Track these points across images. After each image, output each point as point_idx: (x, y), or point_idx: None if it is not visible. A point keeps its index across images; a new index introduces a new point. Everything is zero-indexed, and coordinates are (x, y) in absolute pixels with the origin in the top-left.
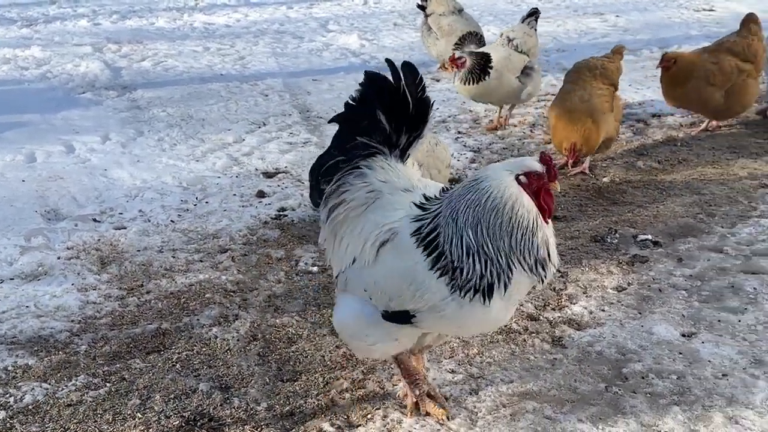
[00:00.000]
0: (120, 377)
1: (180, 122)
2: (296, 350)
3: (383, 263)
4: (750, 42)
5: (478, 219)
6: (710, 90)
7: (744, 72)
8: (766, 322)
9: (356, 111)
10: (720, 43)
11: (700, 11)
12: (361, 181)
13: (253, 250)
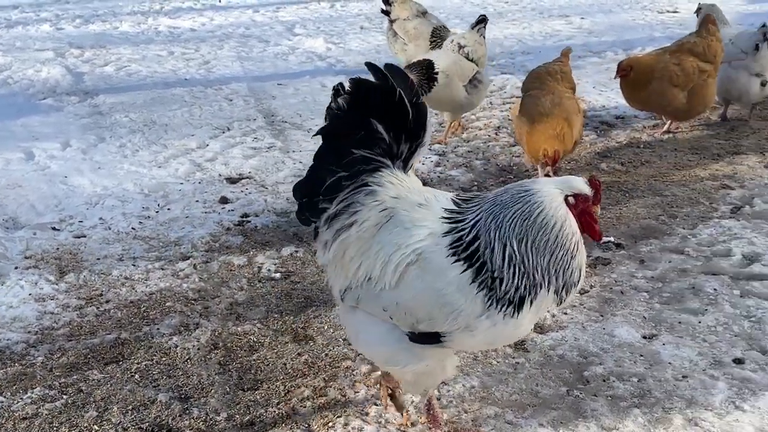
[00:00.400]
0: (77, 389)
1: (142, 128)
2: (257, 358)
3: (409, 286)
4: (709, 42)
5: (525, 232)
6: (674, 91)
7: (705, 72)
8: (726, 322)
9: (348, 122)
10: (680, 44)
11: (663, 13)
12: (371, 199)
13: (215, 258)
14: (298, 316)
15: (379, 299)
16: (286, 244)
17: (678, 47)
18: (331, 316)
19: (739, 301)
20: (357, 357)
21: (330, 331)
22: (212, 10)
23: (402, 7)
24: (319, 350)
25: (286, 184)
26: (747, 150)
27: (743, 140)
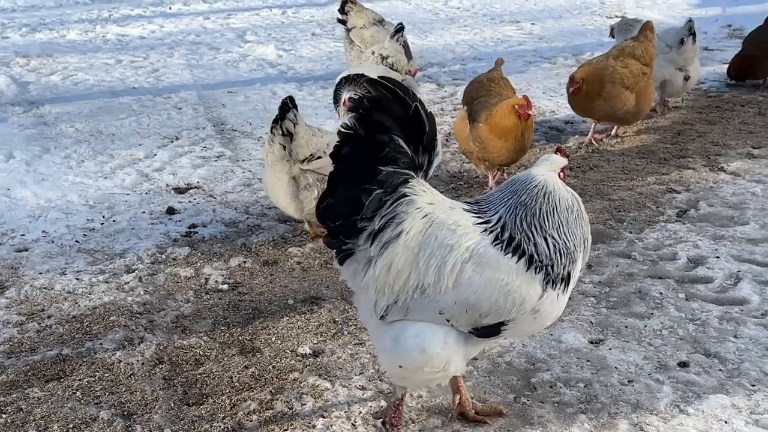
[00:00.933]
0: (17, 407)
1: (89, 138)
2: (203, 372)
3: (469, 283)
4: (647, 46)
5: (559, 220)
6: (626, 93)
7: (645, 74)
8: (671, 326)
9: (372, 141)
10: (621, 49)
11: (612, 18)
12: (413, 208)
13: (161, 270)
14: (245, 327)
15: (433, 304)
16: (234, 255)
17: (620, 52)
18: (279, 327)
19: (685, 304)
20: (305, 369)
21: (278, 343)
22: (162, 17)
23: (358, 15)
24: (266, 362)
25: (234, 193)
26: (693, 154)
27: (689, 144)
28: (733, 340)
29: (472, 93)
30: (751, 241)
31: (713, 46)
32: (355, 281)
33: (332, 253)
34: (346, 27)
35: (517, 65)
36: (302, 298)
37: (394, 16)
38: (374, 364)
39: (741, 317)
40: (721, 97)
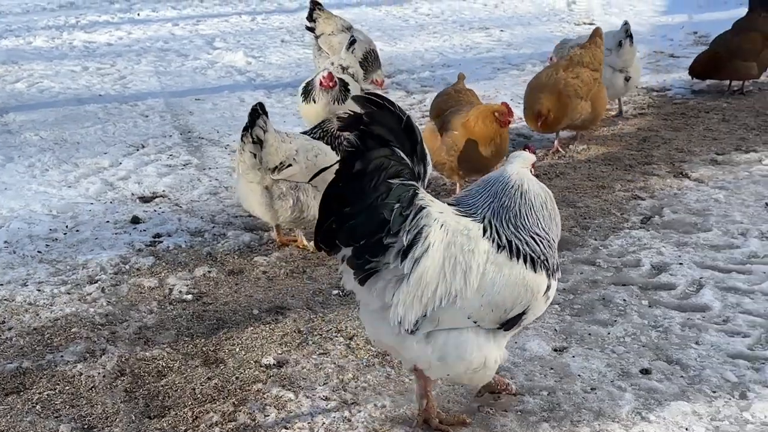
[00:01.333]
0: None
1: (53, 146)
2: (165, 384)
3: (492, 284)
4: (594, 52)
5: (541, 219)
6: (582, 103)
7: (596, 80)
8: (634, 333)
9: (379, 156)
10: (570, 59)
11: (581, 25)
12: (431, 219)
13: (124, 280)
14: (209, 338)
15: (462, 310)
16: (199, 265)
17: (569, 62)
18: (244, 337)
19: (648, 311)
20: (268, 380)
21: (241, 353)
22: (130, 23)
23: (327, 22)
24: (229, 373)
25: (200, 202)
26: (658, 160)
27: (654, 151)
28: (694, 347)
29: (441, 105)
30: (714, 247)
31: (679, 53)
32: (380, 299)
33: (298, 262)
34: (315, 34)
35: (486, 72)
36: (267, 307)
37: (364, 22)
38: (338, 374)
39: (703, 324)
40: (686, 104)
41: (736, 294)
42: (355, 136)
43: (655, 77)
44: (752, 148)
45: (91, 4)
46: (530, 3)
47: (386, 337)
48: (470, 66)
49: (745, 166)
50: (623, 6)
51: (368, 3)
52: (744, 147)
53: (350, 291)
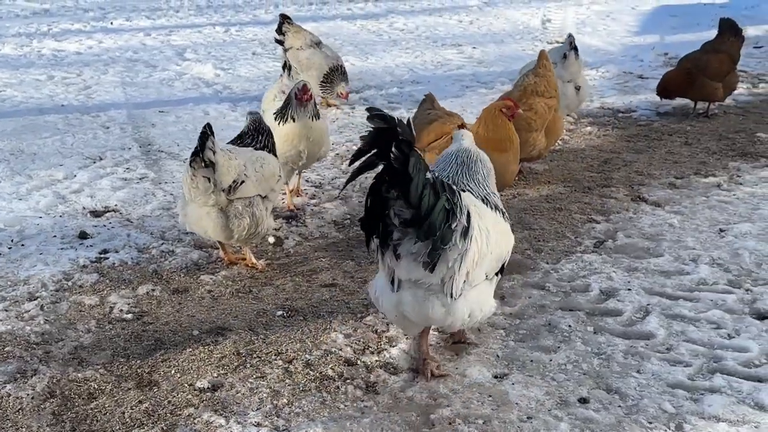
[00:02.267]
0: None
1: (9, 157)
2: (95, 407)
3: (496, 238)
4: (549, 78)
5: (489, 178)
6: (534, 135)
7: (551, 108)
8: (576, 360)
9: (416, 156)
10: (523, 88)
11: (553, 43)
12: (464, 197)
13: (65, 297)
14: (145, 359)
15: (482, 268)
16: (143, 283)
17: (522, 92)
18: (181, 359)
19: (592, 337)
20: (201, 404)
21: (177, 376)
22: (102, 32)
23: (296, 36)
24: (162, 397)
25: (152, 217)
26: (617, 183)
27: (614, 173)
28: (635, 376)
29: (422, 119)
30: (664, 273)
31: (648, 74)
32: (439, 277)
33: (245, 282)
34: (284, 47)
35: (454, 89)
36: (208, 328)
37: (338, 36)
38: (273, 399)
39: (646, 352)
40: (650, 126)
41: (682, 322)
42: (397, 147)
43: (621, 98)
44: (711, 172)
45: (65, 12)
46: (505, 21)
47: (434, 310)
48: (439, 83)
49: (703, 190)
50: (596, 25)
51: (343, 17)
52: (704, 171)
53: (397, 282)
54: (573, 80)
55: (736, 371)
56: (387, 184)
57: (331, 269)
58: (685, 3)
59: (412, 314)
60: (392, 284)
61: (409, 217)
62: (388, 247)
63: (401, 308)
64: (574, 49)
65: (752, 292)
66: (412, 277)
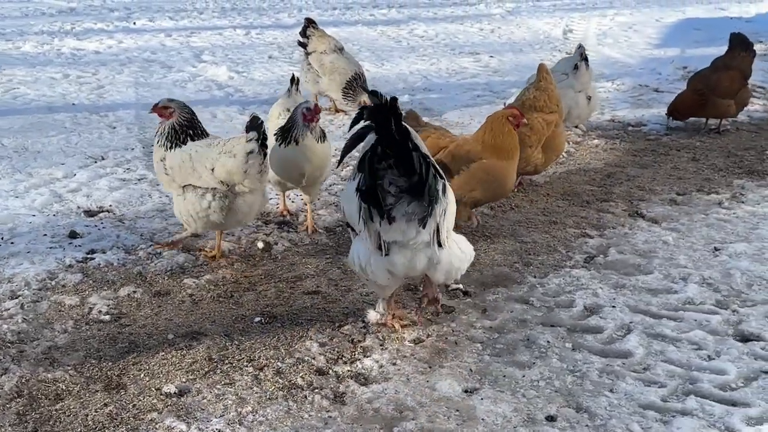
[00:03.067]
0: None
1: (12, 154)
2: (60, 408)
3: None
4: (550, 93)
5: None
6: (529, 151)
7: (551, 123)
8: (550, 377)
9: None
10: (522, 102)
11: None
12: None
13: (46, 297)
14: (116, 362)
15: (453, 220)
16: (126, 284)
17: (520, 106)
18: (152, 363)
19: (569, 354)
20: (165, 409)
21: (145, 380)
22: (123, 32)
23: (320, 41)
24: (128, 400)
25: (145, 218)
26: (617, 197)
27: (615, 188)
28: (607, 395)
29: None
30: (651, 291)
31: (664, 88)
32: (429, 232)
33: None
34: (306, 51)
35: (465, 98)
36: (184, 332)
37: (357, 41)
38: (238, 406)
39: (621, 371)
40: (659, 141)
41: (663, 341)
42: (395, 120)
43: (633, 111)
44: (715, 189)
45: (90, 11)
46: (526, 30)
47: (423, 263)
48: (452, 91)
49: (703, 207)
50: (618, 37)
51: (365, 22)
52: (707, 188)
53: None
54: (584, 90)
55: (711, 394)
56: (382, 156)
57: (316, 276)
58: (710, 16)
59: (403, 270)
60: (380, 249)
61: (406, 184)
62: (381, 214)
63: (392, 268)
64: (585, 60)
65: (738, 313)
66: (406, 236)
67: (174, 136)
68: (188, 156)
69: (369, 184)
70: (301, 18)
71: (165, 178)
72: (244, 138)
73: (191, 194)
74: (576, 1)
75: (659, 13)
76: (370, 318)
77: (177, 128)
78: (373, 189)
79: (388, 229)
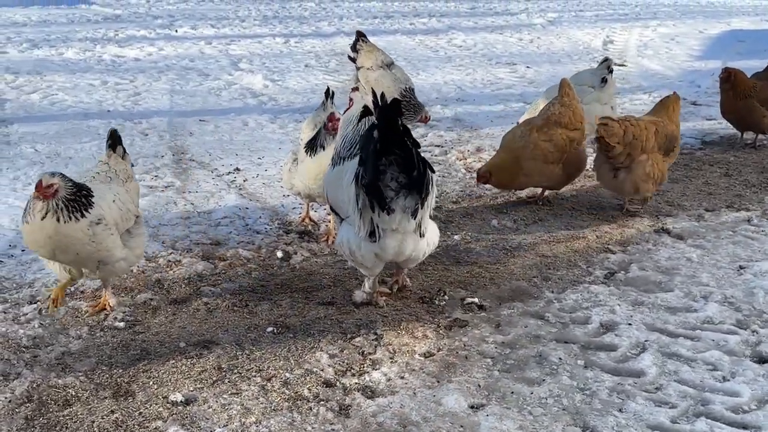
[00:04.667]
0: None
1: (45, 160)
2: (68, 414)
3: None
4: (575, 109)
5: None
6: (550, 167)
7: (574, 141)
8: (558, 395)
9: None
10: (547, 117)
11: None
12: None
13: (65, 302)
14: (127, 369)
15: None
16: (143, 291)
17: (545, 121)
18: (161, 371)
19: (580, 372)
20: (170, 417)
21: (154, 387)
22: (164, 39)
23: (368, 56)
24: (134, 408)
25: (169, 226)
26: (643, 212)
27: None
28: (615, 414)
29: None
30: (670, 309)
31: (702, 101)
32: (417, 221)
33: (244, 295)
34: (356, 65)
35: (497, 109)
36: (196, 341)
37: (394, 51)
38: (242, 416)
39: (632, 390)
40: (692, 155)
41: (678, 361)
42: (400, 117)
43: None
44: (745, 206)
45: (135, 18)
46: (566, 40)
47: (410, 246)
48: (485, 101)
49: (732, 224)
50: (659, 49)
51: (404, 31)
52: (737, 204)
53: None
54: (609, 103)
55: (722, 416)
56: (384, 152)
57: (332, 287)
58: (756, 28)
59: (392, 255)
60: (372, 236)
61: (406, 180)
62: (382, 206)
63: (382, 252)
64: (611, 72)
65: (758, 334)
66: (401, 225)
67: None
68: None
69: (372, 179)
70: (341, 26)
71: None
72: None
73: None
74: (619, 11)
75: (703, 25)
76: (356, 298)
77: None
78: (375, 184)
79: (385, 219)
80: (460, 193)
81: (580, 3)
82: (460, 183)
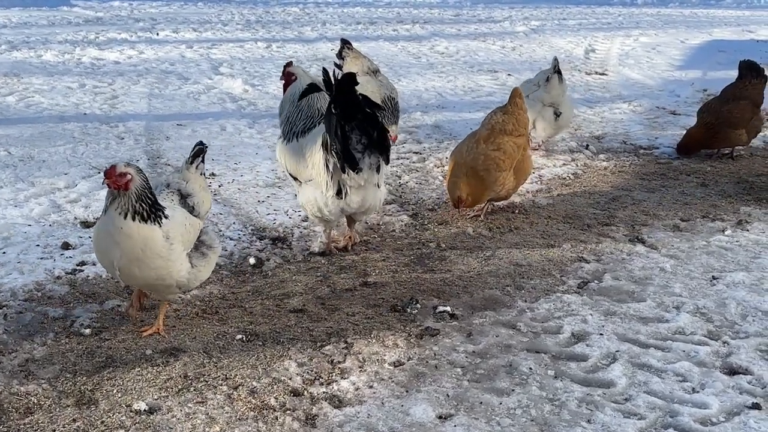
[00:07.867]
0: None
1: (18, 163)
2: (28, 423)
3: None
4: (518, 116)
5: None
6: (504, 175)
7: (521, 147)
8: (527, 405)
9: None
10: (491, 127)
11: (591, 74)
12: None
13: (31, 308)
14: (91, 377)
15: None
16: (112, 297)
17: (489, 131)
18: (126, 379)
19: (550, 382)
20: (132, 426)
21: (117, 396)
22: (145, 43)
23: (354, 62)
24: (97, 416)
25: None
26: (619, 222)
27: (619, 212)
28: (584, 426)
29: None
30: (642, 319)
31: (681, 110)
32: (382, 174)
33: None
34: (342, 72)
35: (477, 117)
36: (163, 348)
37: (376, 57)
38: (206, 426)
39: (601, 401)
40: (669, 165)
41: (648, 372)
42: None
43: (647, 134)
44: (720, 216)
45: (116, 21)
46: (548, 48)
47: (371, 197)
48: (465, 108)
49: (706, 234)
50: (640, 58)
51: (387, 37)
52: (712, 214)
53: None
54: (554, 104)
55: (690, 428)
56: (347, 120)
57: (304, 294)
58: (737, 39)
59: (356, 207)
60: (339, 194)
61: (368, 140)
62: (353, 167)
63: (347, 207)
64: (558, 73)
65: (729, 345)
66: (367, 181)
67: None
68: None
69: (343, 145)
70: (324, 32)
71: None
72: None
73: None
74: (602, 20)
75: (685, 35)
76: (313, 248)
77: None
78: (347, 148)
79: (354, 177)
80: (437, 200)
81: (564, 11)
82: (437, 191)
